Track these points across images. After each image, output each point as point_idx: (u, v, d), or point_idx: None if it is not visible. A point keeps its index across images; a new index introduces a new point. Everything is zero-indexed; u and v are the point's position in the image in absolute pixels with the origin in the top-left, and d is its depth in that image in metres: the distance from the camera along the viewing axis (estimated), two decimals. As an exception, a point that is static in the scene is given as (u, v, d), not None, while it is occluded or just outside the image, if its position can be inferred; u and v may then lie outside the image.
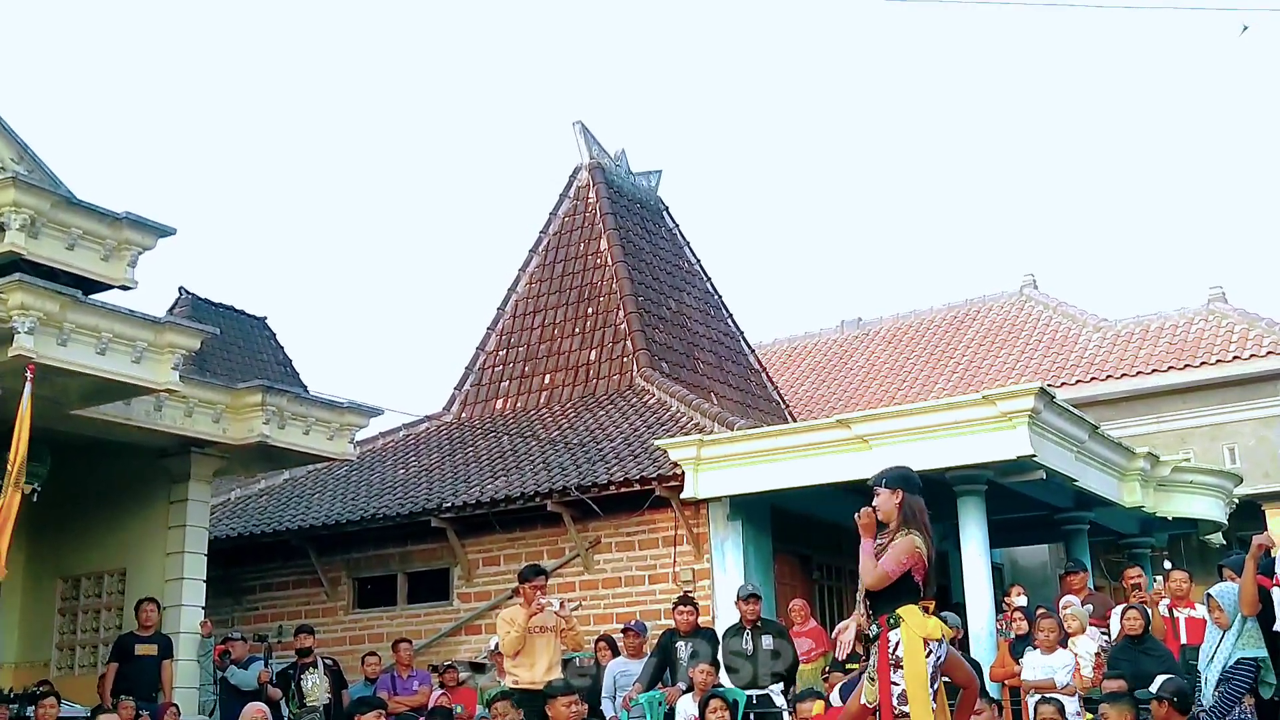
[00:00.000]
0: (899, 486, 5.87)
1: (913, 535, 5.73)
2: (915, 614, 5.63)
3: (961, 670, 6.14)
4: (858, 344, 25.77)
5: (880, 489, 5.88)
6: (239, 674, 11.62)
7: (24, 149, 10.30)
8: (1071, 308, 23.69)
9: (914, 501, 5.84)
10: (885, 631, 5.66)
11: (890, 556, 5.71)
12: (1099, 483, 13.70)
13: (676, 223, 20.50)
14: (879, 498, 5.87)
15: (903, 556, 5.70)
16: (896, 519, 5.80)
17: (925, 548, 5.72)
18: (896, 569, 5.69)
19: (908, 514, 5.80)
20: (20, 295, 9.50)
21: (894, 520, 5.81)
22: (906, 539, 5.72)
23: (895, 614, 5.64)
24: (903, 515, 5.80)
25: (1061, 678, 9.19)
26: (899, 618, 5.63)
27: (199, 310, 20.99)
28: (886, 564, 5.69)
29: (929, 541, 5.77)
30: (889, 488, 5.88)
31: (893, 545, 5.73)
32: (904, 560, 5.69)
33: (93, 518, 12.54)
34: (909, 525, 5.76)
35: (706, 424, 14.41)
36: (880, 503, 5.87)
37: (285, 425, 12.20)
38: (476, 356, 18.65)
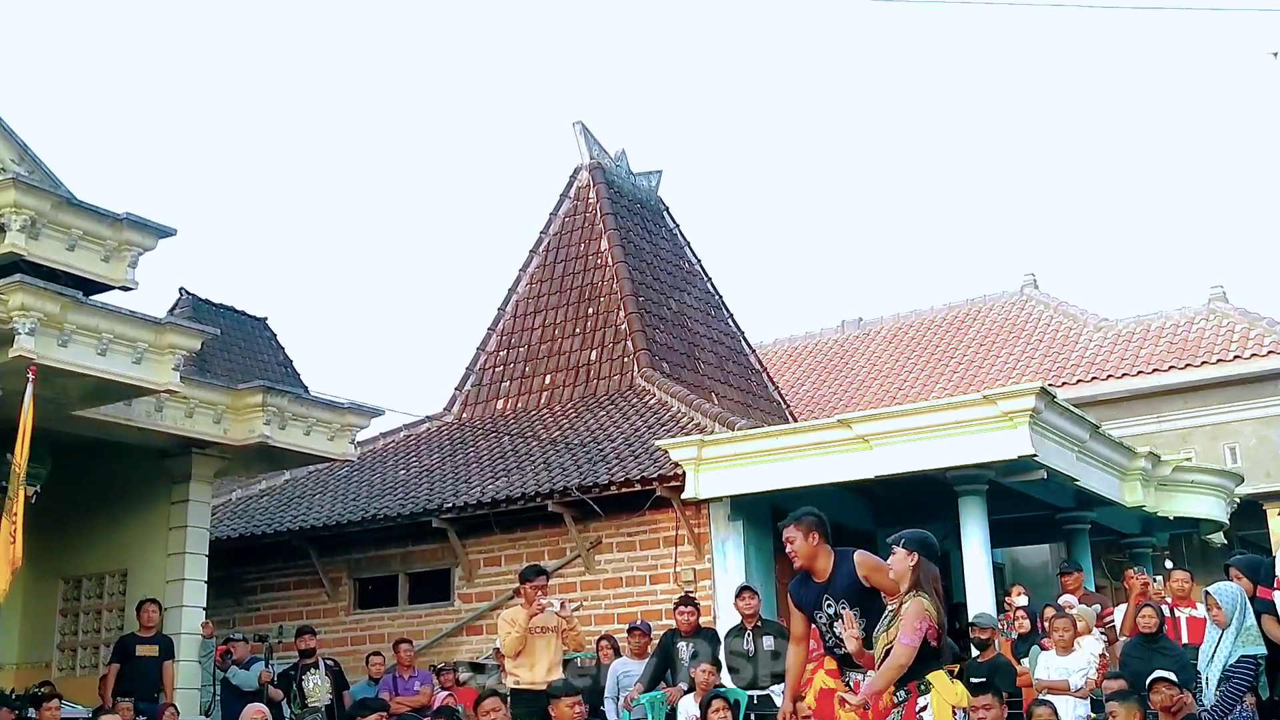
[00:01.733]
0: (915, 549, 5.84)
1: (921, 598, 5.71)
2: (944, 680, 5.65)
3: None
4: (858, 344, 25.77)
5: (897, 548, 5.87)
6: (240, 674, 11.62)
7: (24, 150, 10.31)
8: (1072, 307, 23.69)
9: (929, 568, 5.82)
10: (915, 697, 5.62)
11: (906, 629, 5.67)
12: (1100, 482, 13.69)
13: (677, 223, 20.50)
14: (894, 557, 5.87)
15: (916, 623, 5.68)
16: (909, 581, 5.77)
17: (935, 611, 5.71)
18: (915, 638, 5.66)
19: (920, 578, 5.78)
20: (21, 296, 9.50)
21: (905, 582, 5.79)
22: (915, 602, 5.70)
23: (926, 680, 5.62)
24: (915, 578, 5.77)
25: (1076, 680, 9.15)
26: (929, 684, 5.62)
27: (200, 311, 20.98)
28: (905, 639, 5.65)
29: (939, 606, 5.76)
30: (905, 549, 5.85)
31: (904, 614, 5.69)
32: (918, 626, 5.66)
33: (94, 518, 12.54)
34: (920, 589, 5.74)
35: (707, 424, 14.41)
36: (895, 562, 5.86)
37: (286, 426, 12.20)
38: (477, 357, 18.65)
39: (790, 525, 6.15)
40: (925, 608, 5.69)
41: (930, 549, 5.88)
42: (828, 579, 6.11)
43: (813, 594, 6.17)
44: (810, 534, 6.11)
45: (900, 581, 5.82)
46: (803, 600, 6.24)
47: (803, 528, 6.12)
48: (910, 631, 5.64)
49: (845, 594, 6.03)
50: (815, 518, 6.17)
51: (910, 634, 5.63)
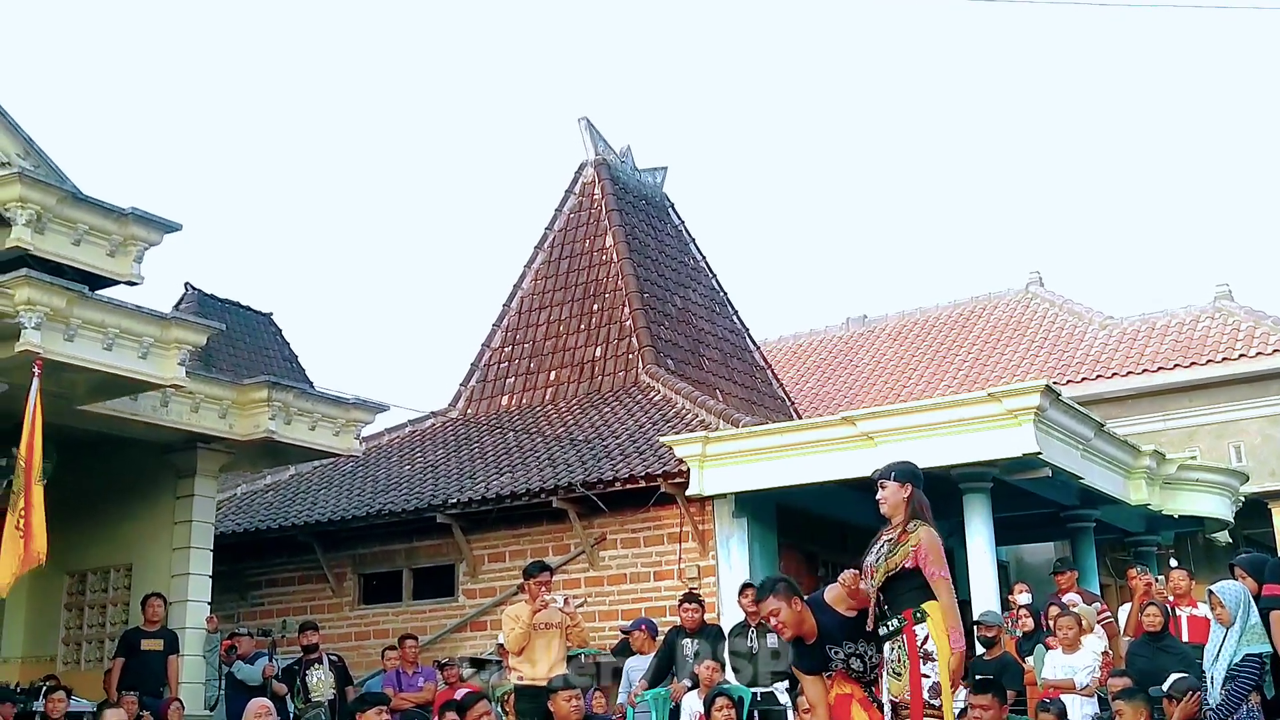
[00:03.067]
0: (908, 481, 5.77)
1: (929, 527, 5.64)
2: (938, 610, 5.54)
3: None
4: (863, 341, 25.76)
5: (888, 482, 5.78)
6: (245, 669, 11.63)
7: (30, 144, 10.32)
8: (1077, 305, 23.66)
9: (922, 497, 5.75)
10: (911, 625, 5.54)
11: (934, 561, 5.57)
12: (1105, 480, 13.68)
13: (682, 219, 20.49)
14: (885, 490, 5.77)
15: (940, 553, 5.60)
16: (904, 513, 5.69)
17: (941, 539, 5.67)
18: (946, 569, 5.60)
19: (916, 508, 5.70)
20: (27, 290, 9.52)
21: (900, 514, 5.71)
22: (926, 531, 5.61)
23: (922, 609, 5.54)
24: (911, 509, 5.69)
25: (1082, 678, 9.13)
26: (925, 613, 5.54)
27: (205, 306, 21.00)
28: (941, 571, 5.57)
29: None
30: (898, 481, 5.78)
31: (923, 544, 5.57)
32: (941, 553, 5.59)
33: (99, 513, 12.56)
34: (919, 519, 5.67)
35: (712, 421, 14.41)
36: (887, 495, 5.77)
37: (291, 421, 12.22)
38: (482, 353, 18.66)
39: (769, 598, 5.85)
40: (936, 536, 5.60)
41: (919, 478, 5.81)
42: (819, 634, 5.88)
43: (817, 655, 5.93)
44: (792, 600, 5.84)
45: (894, 513, 5.73)
46: (811, 666, 5.98)
47: (783, 597, 5.83)
48: (940, 563, 5.54)
49: (846, 636, 5.87)
50: (787, 583, 5.97)
51: (941, 565, 5.54)
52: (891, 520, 5.74)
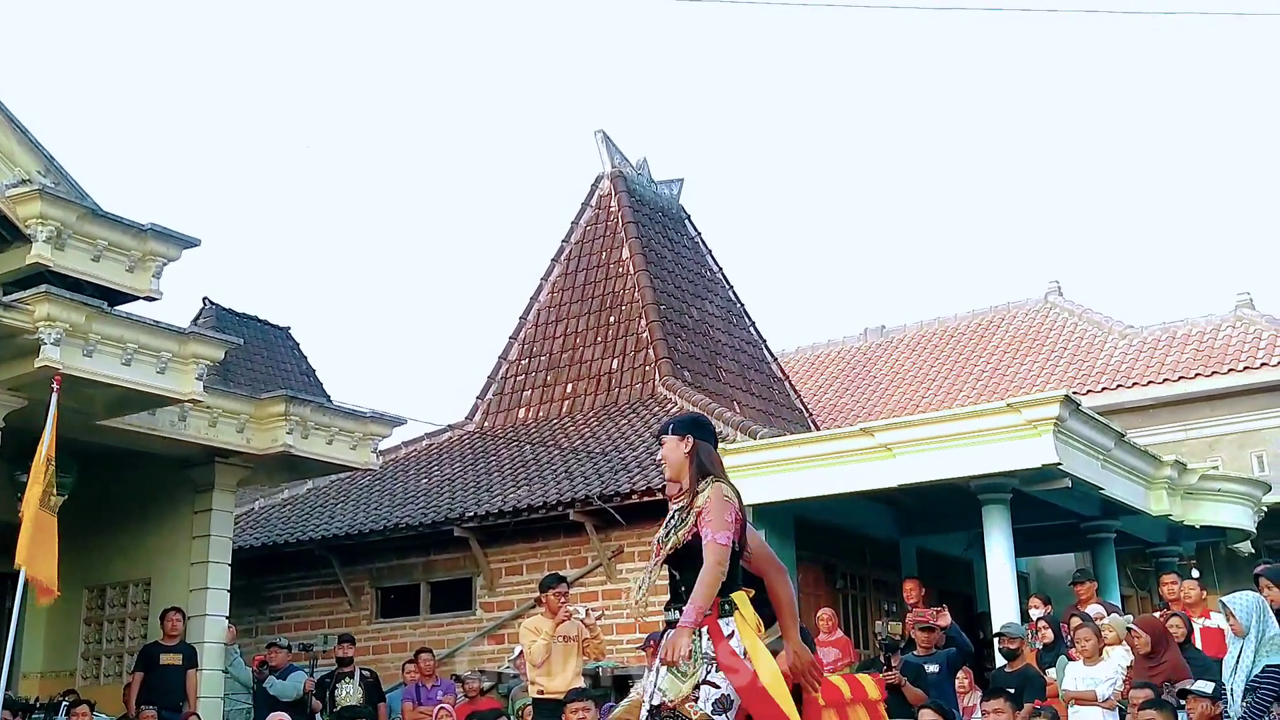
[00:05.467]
0: (687, 432, 4.72)
1: (719, 483, 4.57)
2: (746, 602, 4.54)
3: None
4: (881, 351, 25.68)
5: (666, 437, 4.76)
6: (278, 685, 11.56)
7: (49, 161, 10.39)
8: (1097, 314, 23.56)
9: (708, 449, 4.72)
10: (715, 617, 4.45)
11: (715, 522, 4.43)
12: (1126, 491, 13.59)
13: (698, 231, 20.49)
14: (664, 447, 4.76)
15: (725, 514, 4.46)
16: (690, 471, 4.65)
17: (737, 497, 4.58)
18: (728, 534, 4.44)
19: (704, 462, 4.66)
20: (47, 307, 9.58)
21: (686, 474, 4.66)
22: (714, 488, 4.54)
23: (730, 598, 4.48)
24: (696, 465, 4.65)
25: (1104, 690, 9.05)
26: (734, 604, 4.49)
27: (223, 320, 21.08)
28: (719, 536, 4.41)
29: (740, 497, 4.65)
30: (676, 434, 4.73)
31: (707, 504, 4.50)
32: (729, 517, 4.47)
33: (118, 527, 12.60)
34: (710, 476, 4.61)
35: (729, 433, 14.38)
36: (666, 453, 4.75)
37: (308, 435, 12.24)
38: (499, 365, 18.67)
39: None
40: (728, 494, 4.53)
41: (704, 429, 4.80)
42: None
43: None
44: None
45: (678, 475, 4.71)
46: None
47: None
48: (721, 526, 4.43)
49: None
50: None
51: (722, 528, 4.43)
52: (682, 482, 4.70)
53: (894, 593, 12.86)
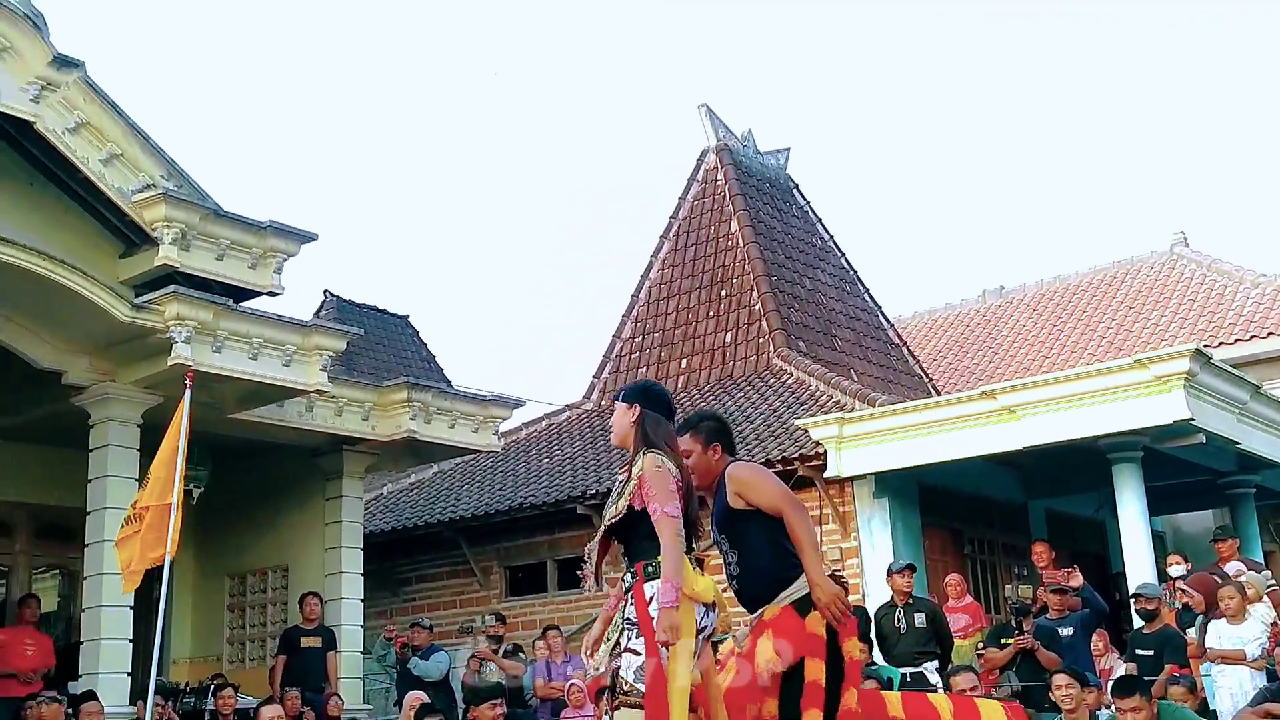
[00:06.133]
0: (636, 401, 4.72)
1: (654, 453, 4.55)
2: (685, 567, 4.45)
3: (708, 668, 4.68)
4: (1001, 313, 25.16)
5: (617, 404, 4.82)
6: (421, 665, 11.76)
7: (171, 165, 10.73)
8: (1226, 264, 22.70)
9: (655, 419, 4.69)
10: (641, 582, 4.47)
11: (659, 494, 4.45)
12: (1264, 444, 13.13)
13: (807, 200, 20.29)
14: (614, 415, 4.81)
15: (667, 483, 4.47)
16: (635, 440, 4.65)
17: (677, 468, 4.57)
18: (676, 504, 4.45)
19: (648, 433, 4.65)
20: (176, 306, 9.93)
21: (632, 443, 4.67)
22: (648, 458, 4.53)
23: (657, 562, 4.42)
24: (641, 434, 4.65)
25: (1252, 650, 8.79)
26: (658, 568, 4.42)
27: (344, 312, 21.59)
28: (667, 508, 4.41)
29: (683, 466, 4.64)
30: (625, 402, 4.75)
31: (645, 475, 4.51)
32: (670, 487, 4.47)
33: (254, 516, 13.03)
34: (650, 446, 4.60)
35: (847, 401, 14.26)
36: (614, 421, 4.80)
37: (431, 420, 12.49)
38: (613, 344, 18.78)
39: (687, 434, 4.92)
40: (662, 464, 4.52)
41: (654, 397, 4.78)
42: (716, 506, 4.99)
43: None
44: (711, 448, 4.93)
45: (624, 443, 4.74)
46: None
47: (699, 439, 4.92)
48: (668, 498, 4.44)
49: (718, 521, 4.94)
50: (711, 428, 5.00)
51: (668, 500, 4.43)
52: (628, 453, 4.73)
53: (1023, 556, 12.62)
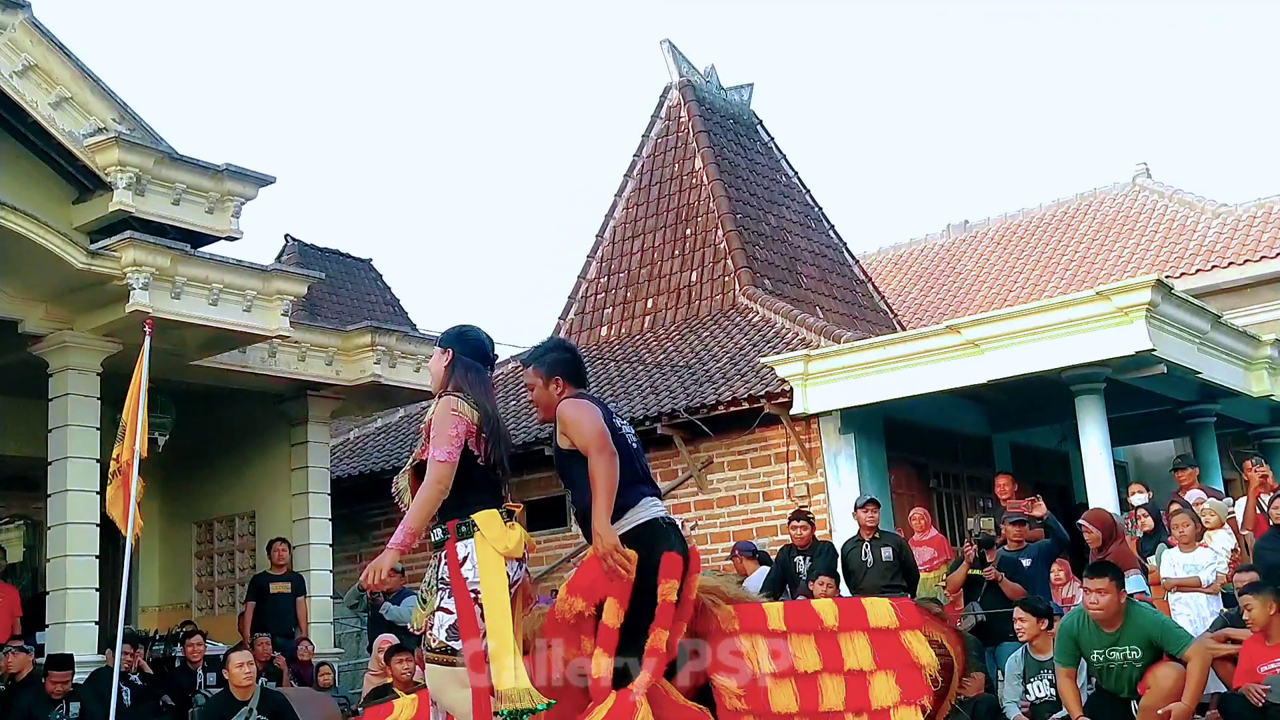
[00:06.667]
0: (450, 346, 4.65)
1: (451, 397, 4.44)
2: (495, 522, 4.37)
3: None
4: (965, 247, 25.21)
5: (434, 349, 4.77)
6: (393, 610, 11.74)
7: (124, 108, 10.53)
8: (1188, 194, 22.81)
9: (467, 364, 4.59)
10: (453, 540, 4.36)
11: (436, 438, 4.30)
12: (1224, 373, 13.27)
13: (771, 136, 20.16)
14: (431, 360, 4.75)
15: (449, 428, 4.31)
16: (440, 383, 4.62)
17: (477, 415, 4.42)
18: (452, 449, 4.30)
19: (454, 376, 4.55)
20: (132, 252, 9.79)
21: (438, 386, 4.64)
22: (442, 402, 4.43)
23: (469, 520, 4.35)
24: (449, 378, 4.57)
25: (1206, 576, 8.94)
26: (473, 525, 4.34)
27: (305, 256, 21.37)
28: (438, 452, 4.28)
29: (494, 415, 4.52)
30: (441, 347, 4.69)
31: (431, 420, 4.41)
32: (453, 433, 4.31)
33: (219, 463, 12.97)
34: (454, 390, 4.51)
35: (813, 338, 14.28)
36: (431, 365, 4.73)
37: (396, 364, 12.44)
38: (579, 285, 18.70)
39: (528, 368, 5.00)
40: (456, 407, 4.38)
41: (469, 341, 4.69)
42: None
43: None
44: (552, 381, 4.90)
45: (439, 389, 4.63)
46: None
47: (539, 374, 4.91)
48: (442, 442, 4.28)
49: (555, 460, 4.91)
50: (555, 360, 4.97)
51: (442, 444, 4.28)
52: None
53: (988, 489, 12.75)
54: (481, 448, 4.42)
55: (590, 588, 4.56)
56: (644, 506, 4.64)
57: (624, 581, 4.46)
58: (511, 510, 4.50)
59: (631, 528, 4.57)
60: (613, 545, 4.43)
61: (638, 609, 4.48)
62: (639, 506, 4.63)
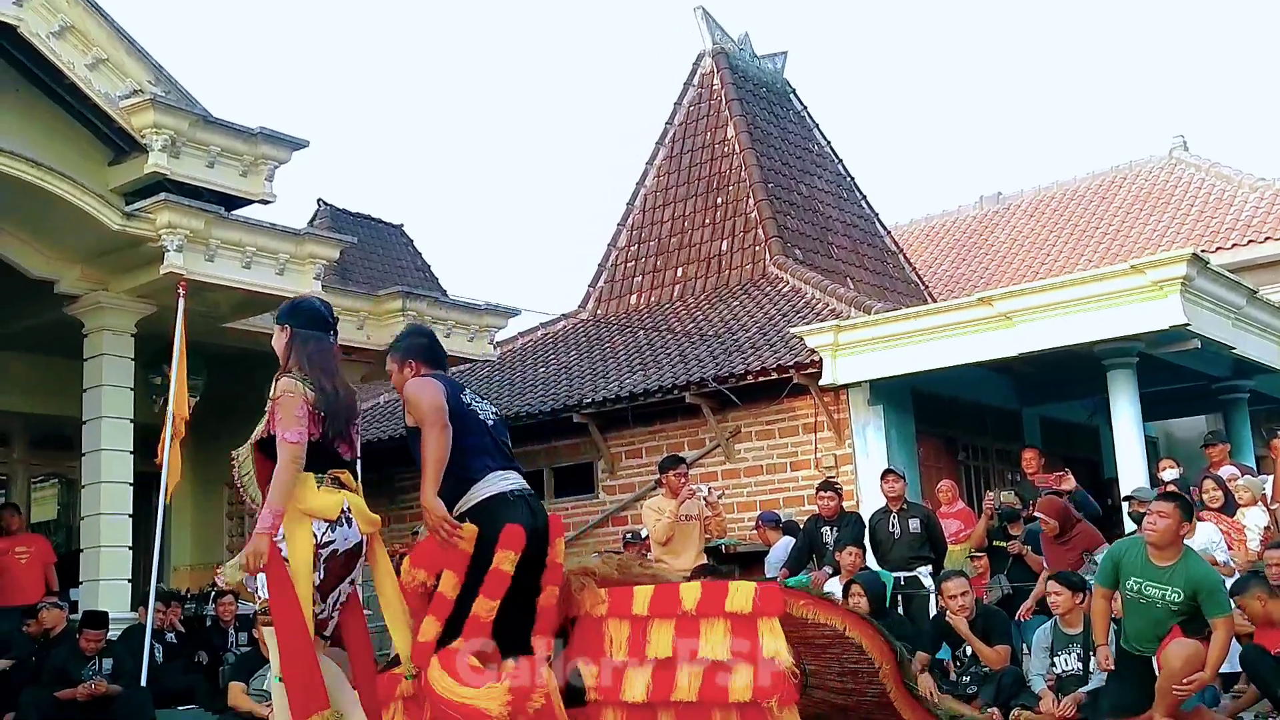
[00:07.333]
0: (286, 321, 4.68)
1: (285, 378, 4.48)
2: (306, 486, 4.41)
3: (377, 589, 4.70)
4: (998, 219, 25.03)
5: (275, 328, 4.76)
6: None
7: (159, 70, 10.57)
8: (1225, 168, 22.53)
9: (306, 337, 4.63)
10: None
11: (283, 419, 4.37)
12: (1259, 349, 13.16)
13: (804, 105, 20.04)
14: (273, 338, 4.75)
15: (294, 409, 4.39)
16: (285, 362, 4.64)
17: (310, 391, 4.47)
18: (300, 429, 4.36)
19: (295, 354, 4.58)
20: (167, 214, 9.87)
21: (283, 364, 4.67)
22: (281, 382, 4.48)
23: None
24: (288, 355, 4.61)
25: (1219, 555, 8.89)
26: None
27: (338, 221, 21.47)
28: (286, 434, 4.35)
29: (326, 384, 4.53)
30: (278, 324, 4.71)
31: (274, 399, 4.45)
32: (298, 413, 4.38)
33: (250, 425, 13.03)
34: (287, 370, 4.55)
35: (843, 309, 14.23)
36: (273, 342, 4.73)
37: (426, 329, 12.47)
38: (609, 253, 18.69)
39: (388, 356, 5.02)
40: (292, 388, 4.43)
41: (308, 314, 4.71)
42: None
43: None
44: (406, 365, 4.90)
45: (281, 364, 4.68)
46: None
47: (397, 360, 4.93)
48: (290, 423, 4.36)
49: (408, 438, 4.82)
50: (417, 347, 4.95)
51: (290, 425, 4.36)
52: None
53: (1017, 463, 12.69)
54: (318, 426, 4.48)
55: (431, 559, 4.54)
56: (490, 480, 4.60)
57: (462, 553, 4.44)
58: (338, 477, 4.53)
59: (476, 502, 4.56)
60: (440, 517, 4.44)
61: (476, 582, 4.44)
62: (485, 480, 4.60)
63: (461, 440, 4.58)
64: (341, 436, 4.57)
